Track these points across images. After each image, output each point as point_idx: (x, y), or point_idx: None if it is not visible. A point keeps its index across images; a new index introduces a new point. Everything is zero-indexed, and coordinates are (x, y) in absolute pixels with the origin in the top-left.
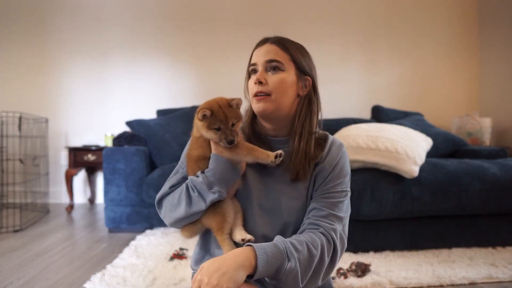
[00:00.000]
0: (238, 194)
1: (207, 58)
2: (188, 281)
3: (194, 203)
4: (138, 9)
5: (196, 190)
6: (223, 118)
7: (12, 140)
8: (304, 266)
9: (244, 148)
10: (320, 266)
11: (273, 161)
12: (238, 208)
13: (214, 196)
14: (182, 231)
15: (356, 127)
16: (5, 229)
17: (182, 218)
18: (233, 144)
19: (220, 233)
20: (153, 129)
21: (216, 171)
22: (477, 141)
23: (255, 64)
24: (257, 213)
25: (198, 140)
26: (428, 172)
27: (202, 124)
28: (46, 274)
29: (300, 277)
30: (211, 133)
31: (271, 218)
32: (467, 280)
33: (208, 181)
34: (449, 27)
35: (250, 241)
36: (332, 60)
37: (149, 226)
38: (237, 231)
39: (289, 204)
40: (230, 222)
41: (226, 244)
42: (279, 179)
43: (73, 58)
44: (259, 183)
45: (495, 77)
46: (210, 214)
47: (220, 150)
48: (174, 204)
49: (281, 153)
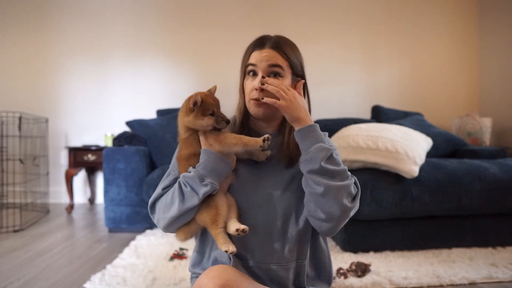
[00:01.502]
0: (232, 190)
1: (207, 58)
2: (188, 281)
3: (187, 199)
4: (138, 9)
5: (188, 185)
6: (213, 102)
7: (12, 140)
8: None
9: (232, 138)
10: (346, 187)
11: (262, 145)
12: (232, 201)
13: (206, 189)
14: (177, 233)
15: (356, 127)
16: (5, 229)
17: (176, 217)
18: (227, 126)
19: (214, 227)
20: (153, 129)
21: (206, 164)
22: (477, 141)
23: (255, 65)
24: (253, 207)
25: (187, 140)
26: (428, 172)
27: (194, 114)
28: (46, 274)
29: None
30: (206, 120)
31: (268, 211)
32: (467, 280)
33: (199, 174)
34: (449, 27)
35: (245, 231)
36: (332, 60)
37: (149, 226)
38: (231, 223)
39: (285, 195)
40: (224, 215)
41: (220, 237)
42: (273, 172)
43: (73, 58)
44: (253, 177)
45: (495, 77)
46: (204, 209)
47: (209, 143)
48: (168, 203)
49: (268, 136)
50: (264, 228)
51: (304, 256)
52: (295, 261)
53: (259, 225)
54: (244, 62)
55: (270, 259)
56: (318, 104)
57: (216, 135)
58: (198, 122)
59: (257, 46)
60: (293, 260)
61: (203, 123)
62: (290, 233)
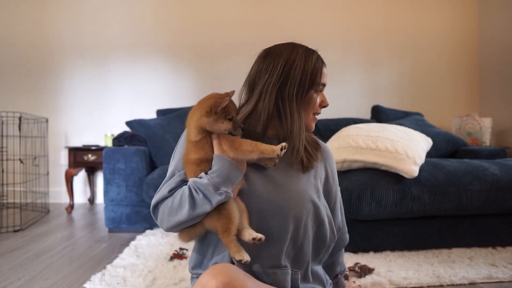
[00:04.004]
0: (242, 193)
1: (207, 58)
2: (188, 281)
3: (198, 206)
4: (138, 9)
5: (200, 192)
6: (234, 107)
7: (12, 140)
8: None
9: (249, 145)
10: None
11: (279, 154)
12: (243, 207)
13: (221, 198)
14: (180, 235)
15: (356, 127)
16: (5, 229)
17: (183, 222)
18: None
19: (226, 235)
20: (153, 129)
21: (221, 171)
22: (477, 141)
23: (325, 85)
24: (267, 209)
25: (198, 143)
26: (428, 172)
27: (216, 117)
28: (46, 274)
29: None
30: (226, 124)
31: (281, 212)
32: (467, 280)
33: (214, 182)
34: (449, 27)
35: (261, 240)
36: (332, 60)
37: (149, 226)
38: (245, 231)
39: (297, 201)
40: (236, 223)
41: (233, 246)
42: (284, 177)
43: (73, 58)
44: (263, 179)
45: (495, 77)
46: (215, 216)
47: (223, 149)
48: (175, 207)
49: (285, 145)
50: (273, 234)
51: (307, 263)
52: (302, 267)
53: (269, 230)
54: (315, 77)
55: (276, 264)
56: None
57: (232, 142)
58: (218, 125)
59: (324, 63)
60: (300, 266)
61: (221, 127)
62: (299, 239)
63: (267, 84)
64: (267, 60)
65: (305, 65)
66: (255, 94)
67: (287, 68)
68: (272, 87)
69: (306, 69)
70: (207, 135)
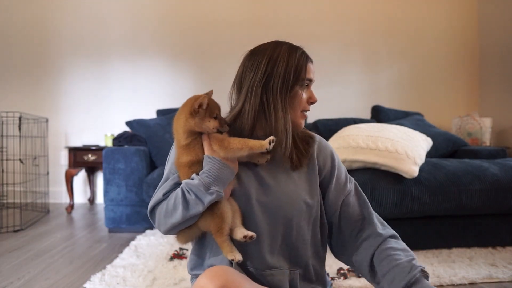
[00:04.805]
0: (234, 194)
1: (207, 58)
2: (188, 281)
3: (191, 206)
4: (138, 9)
5: (192, 193)
6: (216, 105)
7: (12, 140)
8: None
9: (237, 142)
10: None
11: (268, 148)
12: (236, 207)
13: (212, 197)
14: (178, 236)
15: (356, 127)
16: (5, 229)
17: (178, 223)
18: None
19: (219, 235)
20: (153, 129)
21: (211, 171)
22: (477, 141)
23: (311, 81)
24: (257, 210)
25: (188, 146)
26: (428, 172)
27: (201, 117)
28: (46, 274)
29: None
30: (212, 122)
31: (271, 213)
32: (467, 280)
33: (204, 182)
34: (449, 27)
35: (252, 238)
36: (332, 60)
37: (149, 226)
38: (237, 229)
39: (289, 200)
40: (229, 222)
41: (225, 245)
42: (276, 176)
43: (73, 58)
44: (254, 180)
45: (495, 77)
46: (208, 216)
47: (213, 150)
48: (170, 210)
49: (273, 138)
50: (266, 233)
51: (305, 262)
52: (297, 267)
53: (262, 230)
54: (299, 72)
55: (271, 265)
56: (318, 104)
57: (221, 141)
58: (205, 124)
59: (309, 59)
60: (295, 266)
61: (210, 126)
62: (293, 239)
63: (252, 82)
64: (251, 59)
65: (288, 60)
66: (242, 94)
67: (270, 64)
68: (257, 84)
69: (290, 65)
70: (197, 137)
